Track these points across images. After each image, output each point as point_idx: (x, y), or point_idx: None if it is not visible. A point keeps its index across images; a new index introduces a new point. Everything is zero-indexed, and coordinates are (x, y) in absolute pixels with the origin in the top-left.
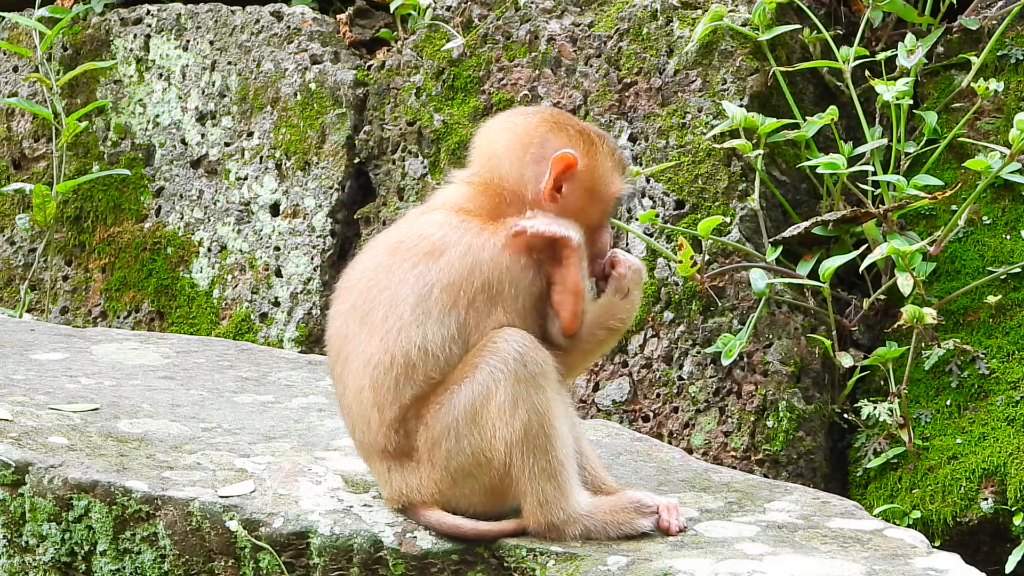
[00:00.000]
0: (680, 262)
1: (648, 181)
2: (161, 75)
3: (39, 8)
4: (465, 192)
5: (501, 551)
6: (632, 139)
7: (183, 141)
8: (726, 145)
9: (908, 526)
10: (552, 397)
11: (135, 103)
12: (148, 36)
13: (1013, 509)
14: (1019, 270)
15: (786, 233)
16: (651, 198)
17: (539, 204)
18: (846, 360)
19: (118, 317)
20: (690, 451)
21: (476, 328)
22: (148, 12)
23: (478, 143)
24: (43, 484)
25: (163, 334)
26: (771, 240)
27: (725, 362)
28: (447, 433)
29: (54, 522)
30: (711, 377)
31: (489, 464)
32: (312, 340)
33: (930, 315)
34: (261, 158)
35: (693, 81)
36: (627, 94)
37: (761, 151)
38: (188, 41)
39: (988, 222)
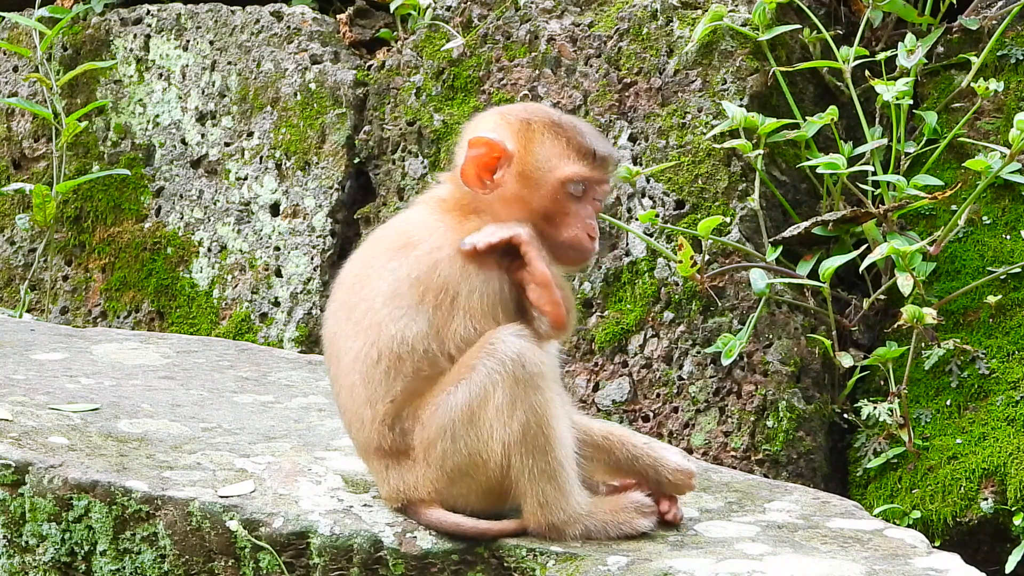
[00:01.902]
0: (680, 262)
1: (648, 181)
2: (161, 75)
3: (39, 8)
4: (445, 188)
5: (501, 551)
6: (632, 139)
7: (183, 141)
8: (726, 145)
9: (908, 526)
10: (551, 398)
11: (135, 103)
12: (148, 36)
13: (1013, 509)
14: (1019, 270)
15: (786, 233)
16: (651, 198)
17: (490, 196)
18: (846, 360)
19: (118, 317)
20: (690, 451)
21: (445, 328)
22: (148, 12)
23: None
24: (43, 484)
25: (163, 334)
26: (771, 240)
27: (725, 362)
28: (443, 433)
29: (54, 522)
30: (711, 377)
31: (485, 465)
32: (312, 340)
33: (930, 315)
34: (261, 158)
35: (693, 81)
36: (627, 94)
37: (761, 151)
38: (188, 41)
39: (988, 222)
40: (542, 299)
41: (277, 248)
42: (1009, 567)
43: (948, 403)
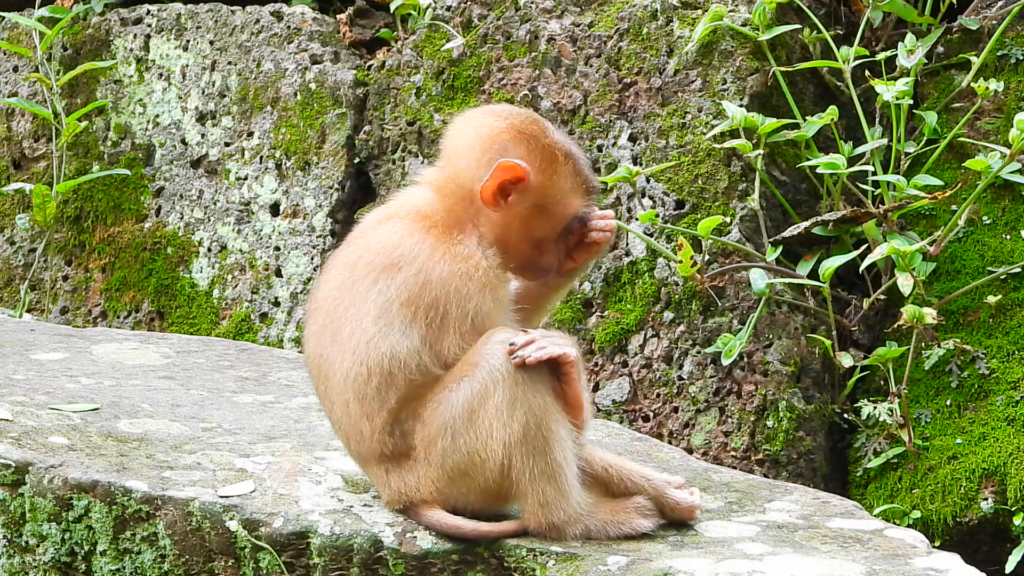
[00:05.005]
0: (680, 262)
1: (648, 181)
2: (161, 75)
3: (39, 8)
4: (426, 196)
5: (501, 551)
6: (632, 139)
7: (183, 141)
8: (726, 145)
9: (908, 526)
10: (550, 400)
11: (135, 103)
12: (148, 36)
13: (1013, 509)
14: (1019, 270)
15: (786, 233)
16: (651, 198)
17: (485, 210)
18: (846, 360)
19: (118, 317)
20: (690, 451)
21: (438, 343)
22: (148, 12)
23: (448, 136)
24: (43, 484)
25: (163, 334)
26: (771, 240)
27: (725, 362)
28: (444, 431)
29: (54, 522)
30: (711, 377)
31: (484, 464)
32: None
33: (930, 315)
34: (261, 158)
35: (693, 81)
36: (627, 94)
37: (761, 151)
38: (188, 41)
39: (988, 222)
40: (571, 415)
41: (277, 248)
42: (1009, 567)
43: (948, 403)
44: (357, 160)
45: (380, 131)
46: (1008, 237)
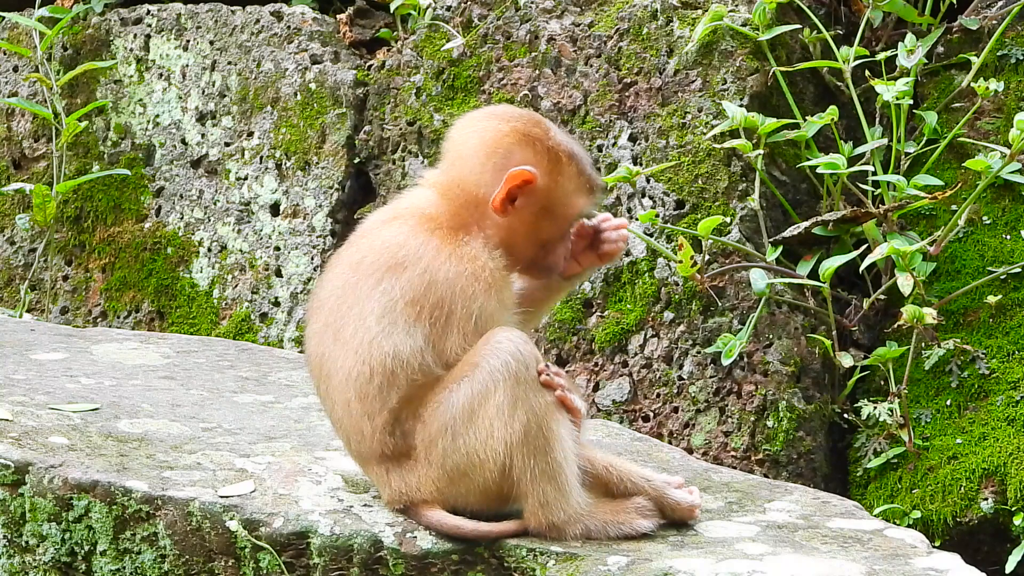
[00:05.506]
0: (680, 262)
1: (648, 181)
2: (161, 75)
3: (39, 8)
4: (430, 197)
5: (501, 551)
6: (632, 139)
7: (183, 141)
8: (726, 145)
9: (908, 526)
10: (551, 400)
11: (135, 103)
12: (148, 36)
13: (1013, 509)
14: (1019, 270)
15: (786, 233)
16: (651, 198)
17: (490, 214)
18: (846, 360)
19: (118, 317)
20: (690, 451)
21: (441, 343)
22: (148, 12)
23: (450, 139)
24: (43, 484)
25: (163, 334)
26: (771, 240)
27: (725, 362)
28: (444, 431)
29: (54, 522)
30: (711, 377)
31: (484, 464)
32: None
33: (930, 315)
34: (261, 158)
35: (693, 81)
36: (627, 94)
37: (761, 151)
38: (188, 41)
39: (988, 222)
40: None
41: (277, 248)
42: (1009, 567)
43: (948, 403)
44: (357, 160)
45: (380, 131)
46: (1008, 237)
